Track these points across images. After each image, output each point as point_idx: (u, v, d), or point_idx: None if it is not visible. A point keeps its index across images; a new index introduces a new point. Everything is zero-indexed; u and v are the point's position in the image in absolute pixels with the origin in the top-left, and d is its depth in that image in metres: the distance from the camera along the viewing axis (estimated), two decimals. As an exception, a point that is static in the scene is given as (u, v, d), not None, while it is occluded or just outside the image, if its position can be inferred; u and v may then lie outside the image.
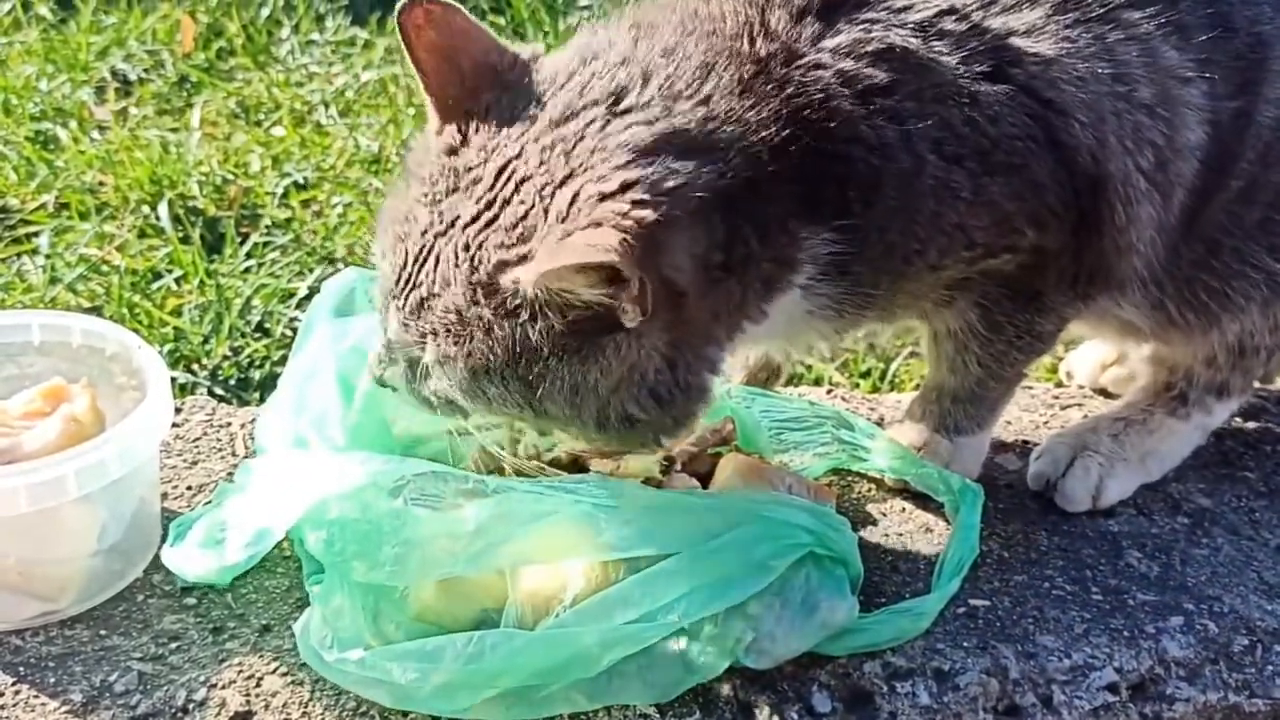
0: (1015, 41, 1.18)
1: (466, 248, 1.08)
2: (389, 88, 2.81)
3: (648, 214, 1.03)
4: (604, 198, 1.04)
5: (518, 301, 1.06)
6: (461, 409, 1.17)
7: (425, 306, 1.11)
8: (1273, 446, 1.58)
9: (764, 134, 1.11)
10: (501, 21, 3.13)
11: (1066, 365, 1.76)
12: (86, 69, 2.76)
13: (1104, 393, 1.70)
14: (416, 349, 1.13)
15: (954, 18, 1.17)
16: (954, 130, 1.16)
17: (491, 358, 1.09)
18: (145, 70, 2.82)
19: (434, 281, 1.10)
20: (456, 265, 1.08)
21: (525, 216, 1.07)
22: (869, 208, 1.16)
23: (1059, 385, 1.75)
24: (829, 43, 1.15)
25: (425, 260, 1.11)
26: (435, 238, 1.10)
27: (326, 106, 2.72)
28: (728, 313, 1.15)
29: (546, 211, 1.06)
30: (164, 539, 1.26)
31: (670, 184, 1.05)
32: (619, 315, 1.04)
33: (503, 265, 1.06)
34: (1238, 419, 1.57)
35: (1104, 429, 1.48)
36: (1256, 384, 1.53)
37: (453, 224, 1.10)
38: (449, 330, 1.10)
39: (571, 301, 1.04)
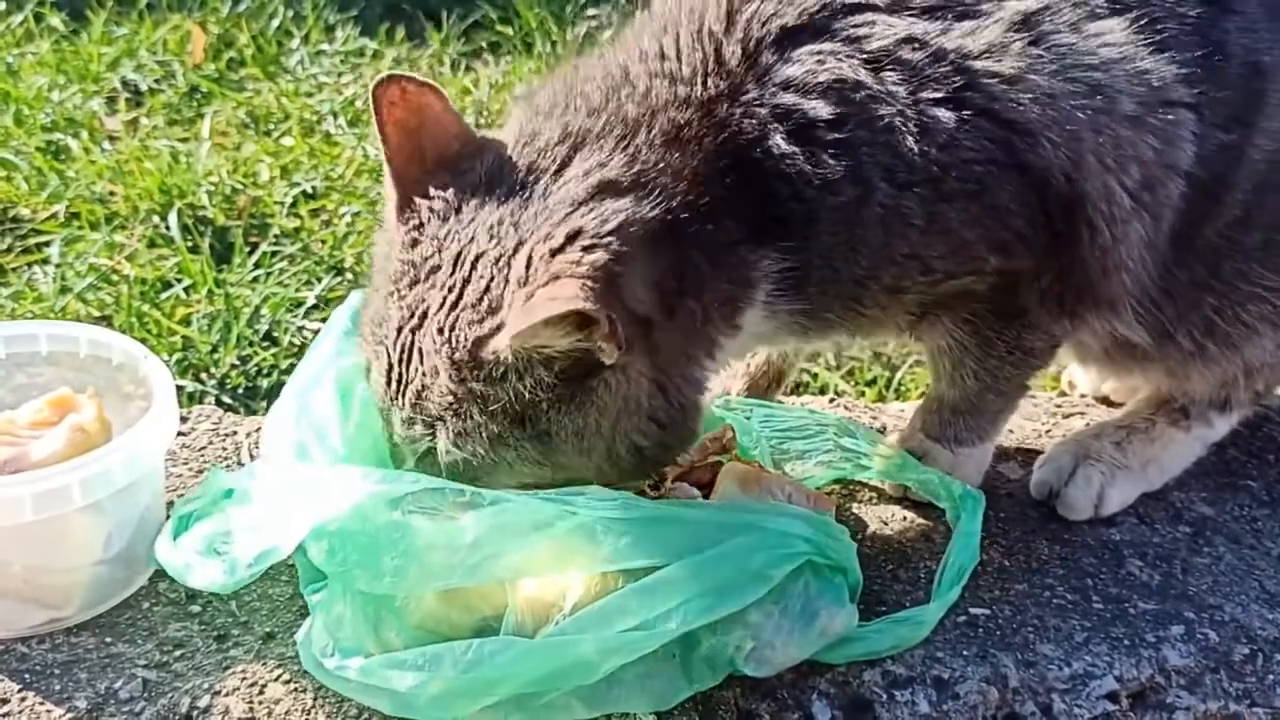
0: (974, 64, 1.18)
1: (441, 332, 1.13)
2: (398, 97, 2.82)
3: (599, 256, 1.08)
4: (555, 253, 1.09)
5: (502, 369, 1.11)
6: (481, 480, 1.19)
7: (423, 398, 1.15)
8: (1275, 455, 1.58)
9: (698, 172, 1.15)
10: (510, 32, 3.14)
11: (1069, 375, 1.76)
12: (98, 79, 2.78)
13: (1106, 401, 1.70)
14: (427, 441, 1.17)
15: (913, 46, 1.18)
16: (904, 159, 1.16)
17: (497, 426, 1.13)
18: (156, 81, 2.84)
19: (423, 373, 1.14)
20: (437, 351, 1.13)
21: (488, 289, 1.12)
22: (807, 239, 1.19)
23: (1062, 395, 1.75)
24: (779, 75, 1.18)
25: (409, 356, 1.15)
26: (411, 332, 1.15)
27: (336, 116, 2.74)
28: (697, 332, 1.19)
29: (507, 280, 1.11)
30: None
31: (611, 224, 1.11)
32: (599, 355, 1.09)
33: (480, 340, 1.11)
34: (1240, 428, 1.56)
35: (1107, 436, 1.48)
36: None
37: (424, 315, 1.14)
38: (452, 412, 1.14)
39: (551, 355, 1.09)
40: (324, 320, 1.99)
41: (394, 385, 1.17)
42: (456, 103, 2.69)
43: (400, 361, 1.16)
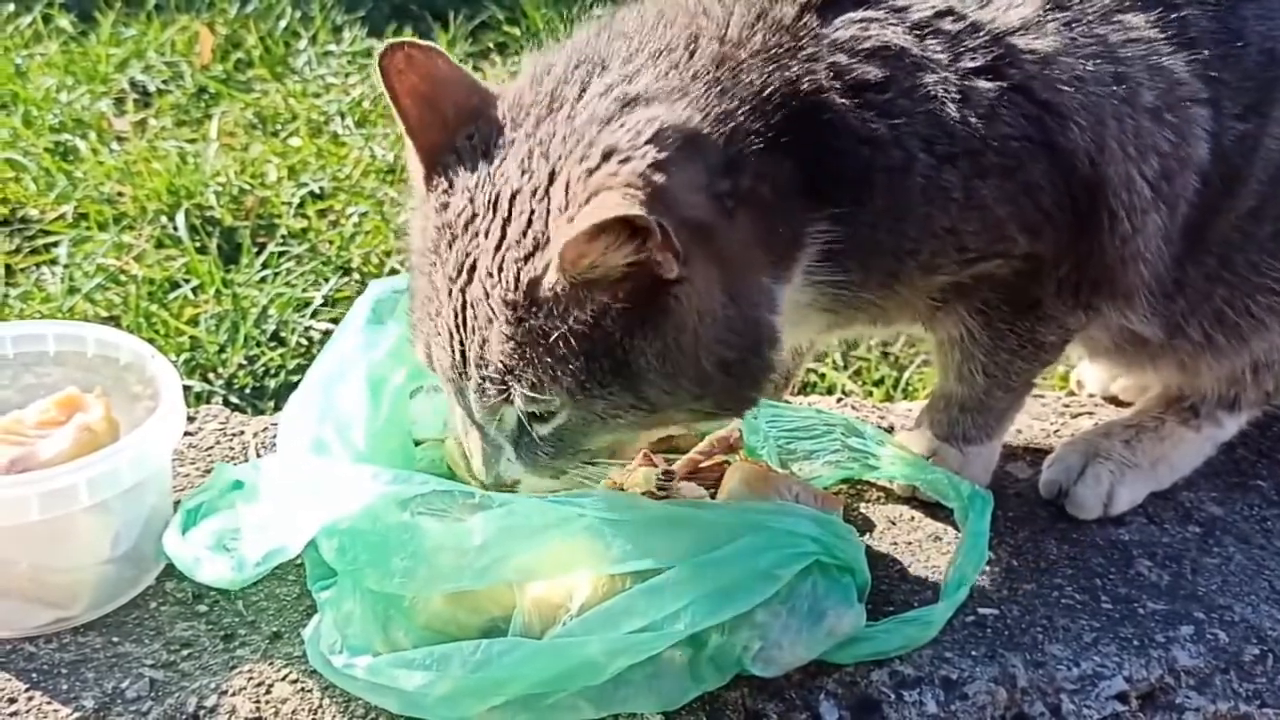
0: (1012, 40, 1.18)
1: (490, 276, 1.08)
2: (405, 98, 2.82)
3: (636, 165, 1.04)
4: (591, 172, 1.05)
5: (562, 304, 1.05)
6: (584, 448, 1.16)
7: (485, 350, 1.09)
8: (1285, 455, 1.58)
9: (753, 105, 1.12)
10: (517, 32, 3.14)
11: (1077, 374, 1.76)
12: (106, 81, 2.78)
13: (1115, 401, 1.69)
14: (502, 401, 1.11)
15: (952, 18, 1.18)
16: (946, 129, 1.16)
17: (572, 365, 1.07)
18: (164, 82, 2.84)
19: (481, 326, 1.09)
20: (489, 296, 1.08)
21: (531, 223, 1.07)
22: (860, 204, 1.16)
23: (1070, 394, 1.75)
24: (828, 37, 1.16)
25: (463, 314, 1.10)
26: (461, 290, 1.10)
27: (343, 117, 2.74)
28: (762, 243, 1.13)
29: (549, 209, 1.06)
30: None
31: (646, 134, 1.06)
32: (659, 270, 1.03)
33: (534, 280, 1.06)
34: (1250, 428, 1.56)
35: (1116, 435, 1.48)
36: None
37: (472, 268, 1.09)
38: (520, 359, 1.08)
39: (609, 275, 1.04)
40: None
41: (458, 352, 1.11)
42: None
43: (458, 326, 1.10)
